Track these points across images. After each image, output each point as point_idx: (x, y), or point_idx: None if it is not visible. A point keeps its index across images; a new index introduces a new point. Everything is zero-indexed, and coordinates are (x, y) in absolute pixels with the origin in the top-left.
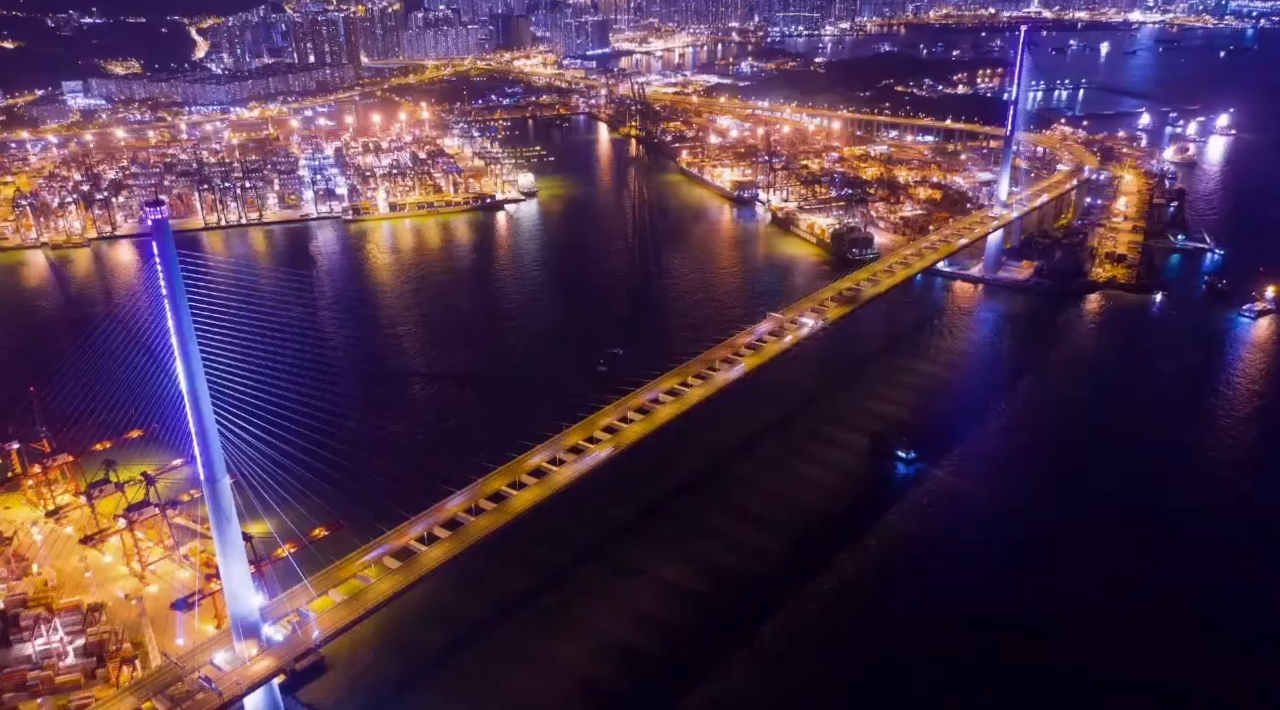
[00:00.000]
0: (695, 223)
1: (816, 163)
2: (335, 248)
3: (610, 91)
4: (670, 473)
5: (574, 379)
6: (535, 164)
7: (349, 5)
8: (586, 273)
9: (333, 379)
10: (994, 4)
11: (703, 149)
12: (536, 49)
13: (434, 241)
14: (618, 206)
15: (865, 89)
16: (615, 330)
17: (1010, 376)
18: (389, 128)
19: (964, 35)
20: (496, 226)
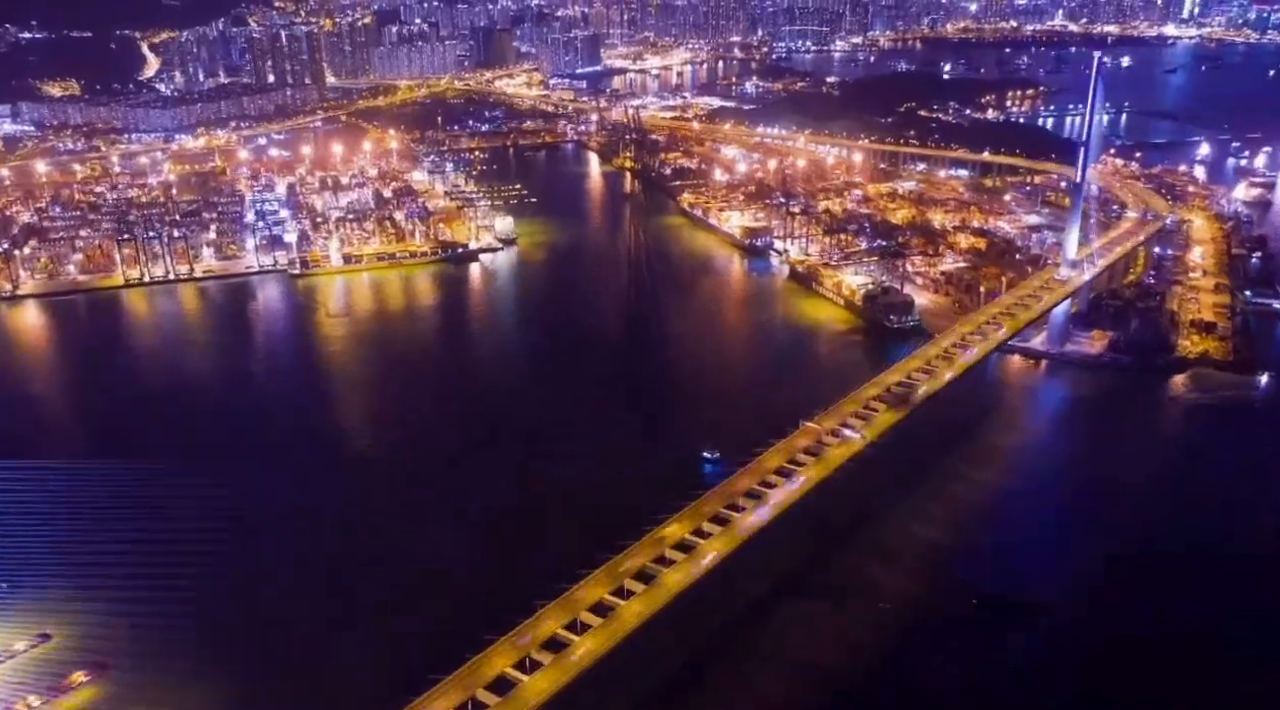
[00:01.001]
0: (700, 278)
1: (838, 203)
2: (279, 306)
3: (602, 117)
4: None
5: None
6: (515, 204)
7: (317, 18)
8: (572, 346)
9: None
10: (1015, 16)
11: (707, 187)
12: (521, 67)
13: (394, 300)
14: (610, 256)
15: (885, 114)
16: (603, 432)
17: (1090, 488)
18: (351, 159)
19: (985, 51)
20: (468, 282)
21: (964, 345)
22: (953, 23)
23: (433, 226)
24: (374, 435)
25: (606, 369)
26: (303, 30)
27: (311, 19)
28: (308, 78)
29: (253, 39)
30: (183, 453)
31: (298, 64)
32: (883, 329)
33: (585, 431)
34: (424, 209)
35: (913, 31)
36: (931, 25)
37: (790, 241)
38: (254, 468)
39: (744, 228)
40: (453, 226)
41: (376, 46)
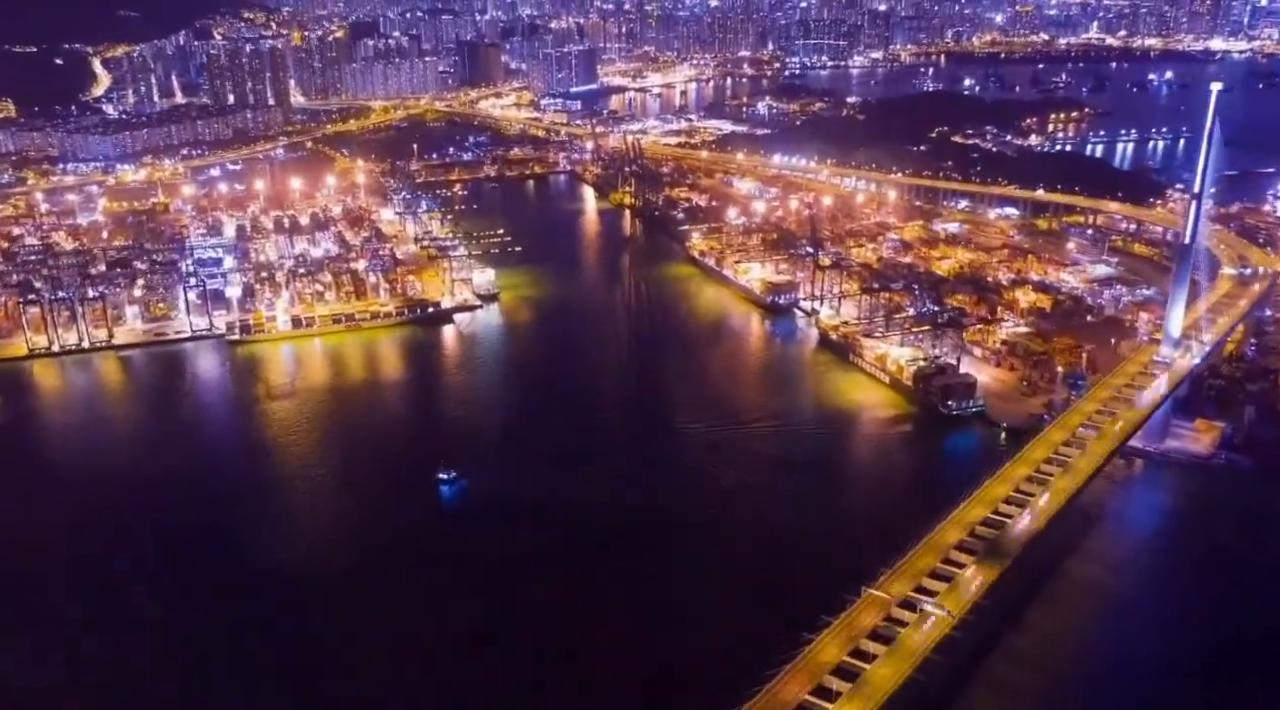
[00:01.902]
0: (713, 345)
1: (871, 250)
2: (211, 382)
3: (598, 145)
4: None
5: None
6: (497, 249)
7: (289, 30)
8: (559, 438)
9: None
10: (1045, 29)
11: (720, 230)
12: (509, 85)
13: (349, 374)
14: (607, 316)
15: (916, 140)
16: (589, 576)
17: (1226, 654)
18: (313, 195)
19: (1017, 67)
20: (440, 348)
21: (1060, 460)
22: (979, 36)
23: (400, 280)
24: (311, 564)
25: (609, 475)
26: (266, 45)
27: (284, 31)
28: (271, 98)
29: (210, 55)
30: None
31: (259, 83)
32: (939, 416)
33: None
34: (391, 258)
35: (936, 45)
36: (956, 39)
37: (819, 297)
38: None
39: (764, 283)
40: (424, 279)
41: (349, 63)
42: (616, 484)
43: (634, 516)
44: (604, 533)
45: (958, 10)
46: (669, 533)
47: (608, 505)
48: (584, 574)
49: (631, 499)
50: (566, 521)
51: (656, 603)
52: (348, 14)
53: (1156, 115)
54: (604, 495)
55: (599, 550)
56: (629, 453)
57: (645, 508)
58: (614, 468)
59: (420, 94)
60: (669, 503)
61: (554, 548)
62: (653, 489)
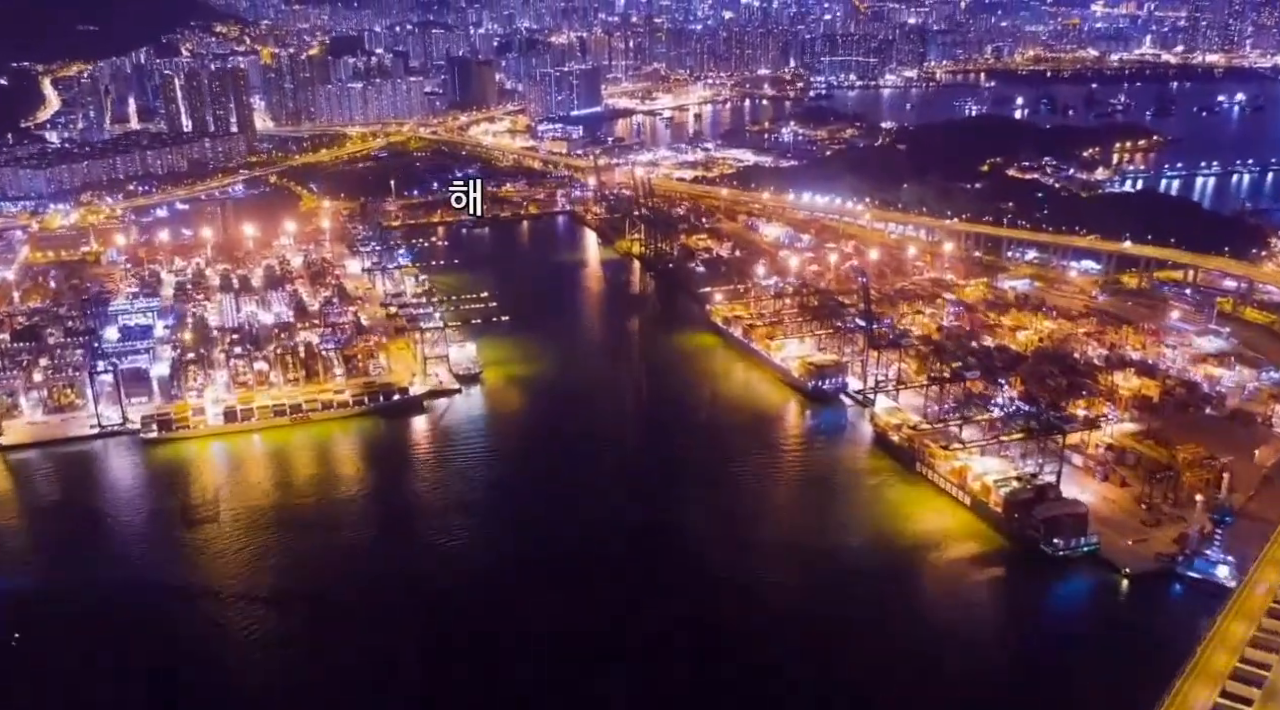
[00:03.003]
0: (741, 442)
1: (930, 314)
2: (116, 495)
3: (601, 182)
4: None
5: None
6: (481, 313)
7: (265, 46)
8: (548, 603)
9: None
10: (1095, 44)
11: (747, 292)
12: (504, 108)
13: (291, 484)
14: (612, 405)
15: (967, 174)
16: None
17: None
18: (271, 242)
19: (1068, 87)
20: (408, 446)
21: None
22: (1020, 51)
23: (362, 358)
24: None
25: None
26: (232, 63)
27: (258, 47)
28: (234, 124)
29: (164, 76)
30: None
31: (220, 107)
32: (1039, 555)
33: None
34: (353, 329)
35: (974, 62)
36: (996, 55)
37: (871, 380)
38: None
39: (804, 364)
40: (392, 355)
41: (324, 84)
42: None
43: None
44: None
45: (995, 24)
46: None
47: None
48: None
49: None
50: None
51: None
52: (332, 27)
53: (1234, 143)
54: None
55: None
56: (629, 624)
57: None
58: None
59: (403, 119)
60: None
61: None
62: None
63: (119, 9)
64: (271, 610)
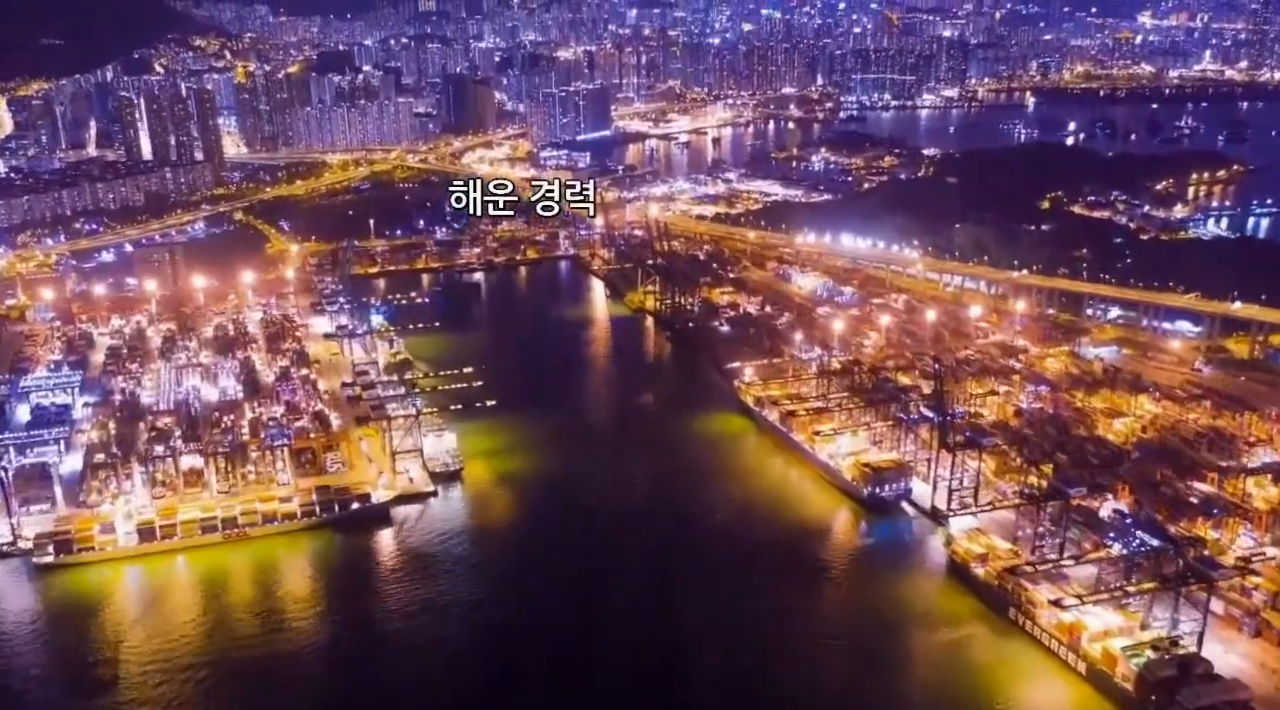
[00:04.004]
0: (776, 560)
1: (1005, 392)
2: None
3: (609, 223)
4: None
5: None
6: (464, 394)
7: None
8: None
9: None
10: (1149, 59)
11: (785, 366)
12: (503, 131)
13: (229, 624)
14: (618, 509)
15: (1026, 212)
16: None
17: None
18: (228, 293)
19: (1124, 107)
20: (370, 570)
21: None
22: (1070, 67)
23: (318, 452)
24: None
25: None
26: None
27: (237, 63)
28: (199, 151)
29: (122, 97)
30: None
31: (183, 132)
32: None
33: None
34: (309, 408)
35: (1020, 79)
36: (1043, 71)
37: (942, 487)
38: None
39: (859, 465)
40: (351, 450)
41: (304, 105)
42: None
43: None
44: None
45: (1038, 37)
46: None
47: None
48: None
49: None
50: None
51: None
52: (321, 40)
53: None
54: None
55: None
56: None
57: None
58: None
59: (390, 145)
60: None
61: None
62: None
63: (92, 22)
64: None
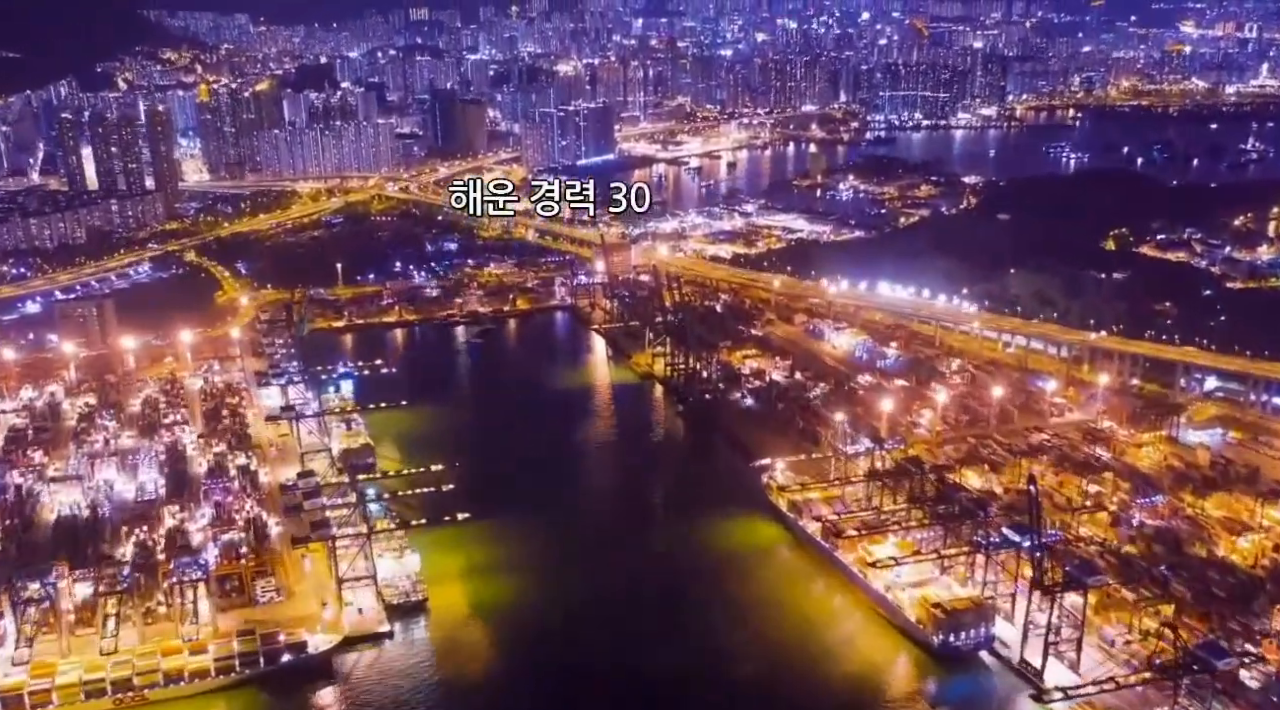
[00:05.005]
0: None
1: (1093, 492)
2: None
3: (612, 265)
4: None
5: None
6: (432, 499)
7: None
8: None
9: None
10: (1200, 72)
11: (825, 457)
12: (496, 154)
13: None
14: (623, 661)
15: (1094, 257)
16: None
17: None
18: (163, 356)
19: (1178, 126)
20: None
21: None
22: (1115, 82)
23: (246, 579)
24: None
25: None
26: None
27: (209, 77)
28: (150, 179)
29: (64, 119)
30: None
31: (133, 158)
32: None
33: None
34: (242, 513)
35: (1062, 96)
36: (1087, 87)
37: (1029, 634)
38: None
39: (927, 604)
40: (289, 573)
41: (272, 127)
42: None
43: None
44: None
45: (1077, 49)
46: None
47: None
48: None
49: None
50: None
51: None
52: (304, 51)
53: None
54: None
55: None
56: None
57: None
58: None
59: (369, 172)
60: None
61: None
62: None
63: (54, 32)
64: None
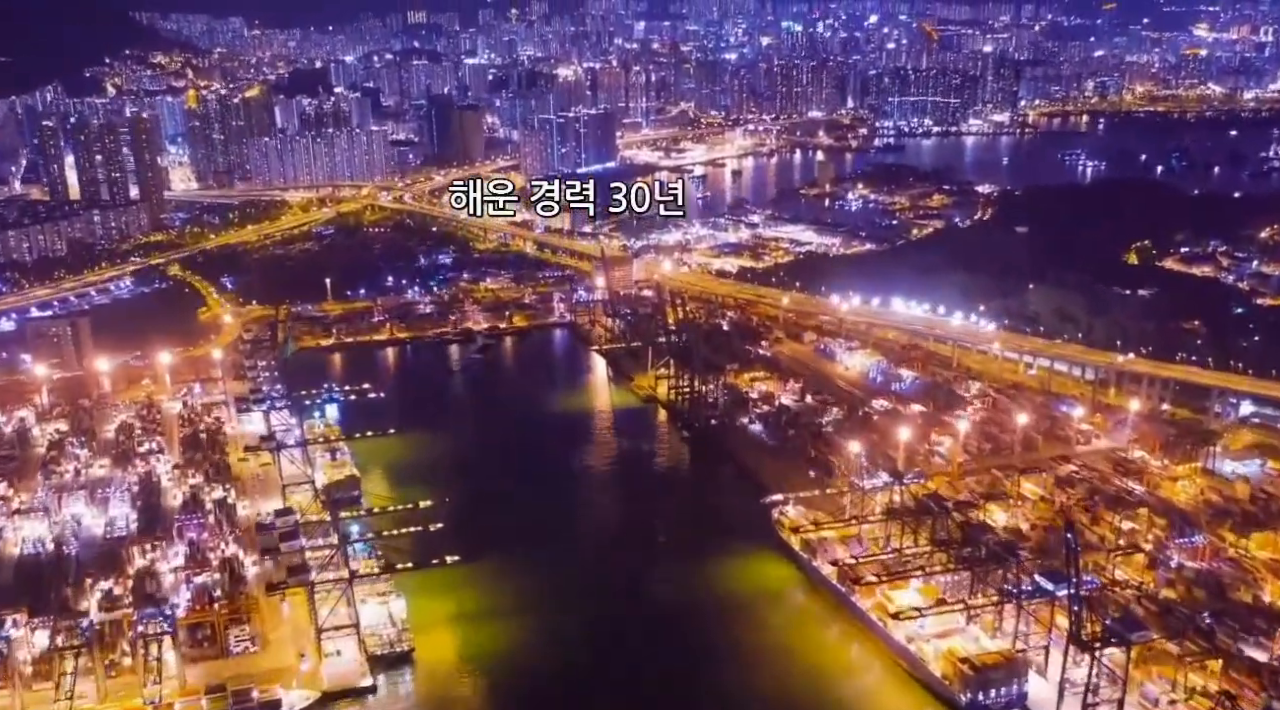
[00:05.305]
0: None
1: (1125, 529)
2: None
3: (613, 280)
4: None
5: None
6: (418, 544)
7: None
8: None
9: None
10: (1217, 77)
11: (840, 491)
12: (494, 162)
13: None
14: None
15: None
16: None
17: None
18: (141, 378)
19: (1196, 133)
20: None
21: None
22: (1129, 87)
23: (218, 630)
24: None
25: None
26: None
27: (202, 82)
28: (135, 189)
29: (45, 127)
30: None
31: (116, 167)
32: None
33: None
34: (221, 574)
35: (1076, 102)
36: (1101, 92)
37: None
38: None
39: (953, 657)
40: (266, 620)
41: (262, 134)
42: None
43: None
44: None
45: (1089, 53)
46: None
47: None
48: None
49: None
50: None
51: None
52: (299, 56)
53: None
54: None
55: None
56: None
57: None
58: None
59: (362, 181)
60: None
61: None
62: None
63: (43, 35)
64: None
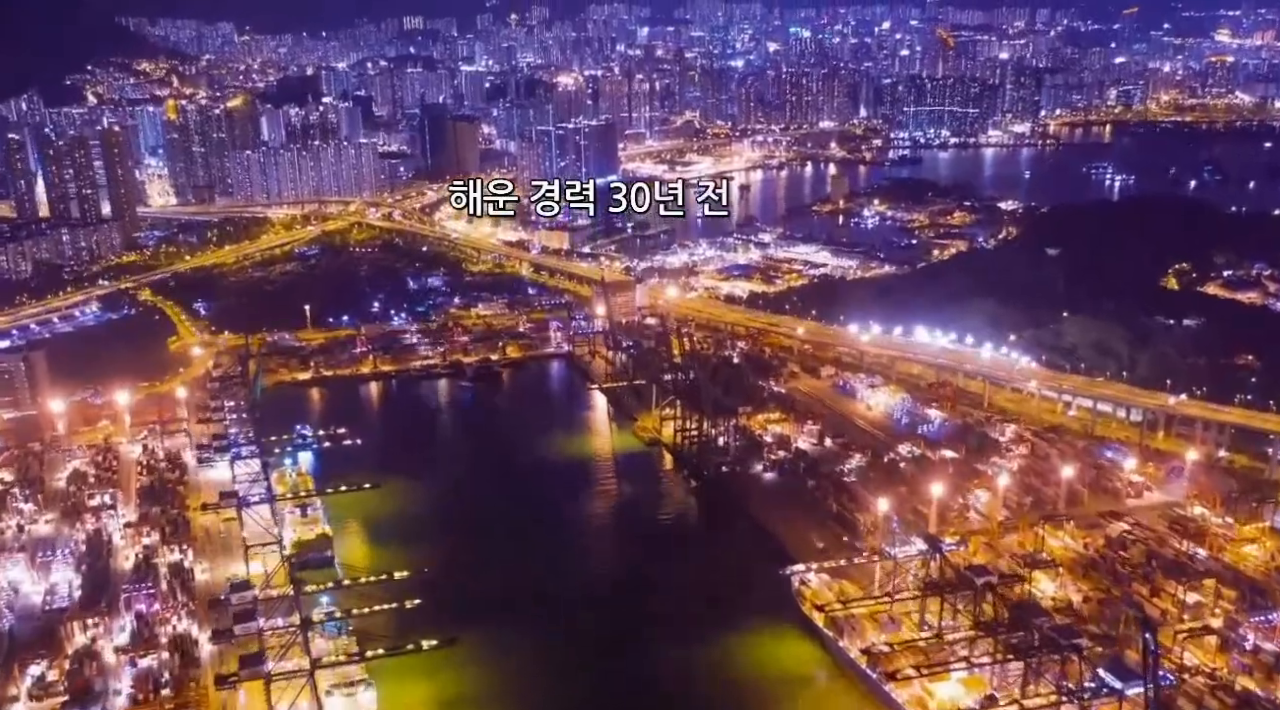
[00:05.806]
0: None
1: (1197, 605)
2: None
3: (613, 309)
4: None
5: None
6: (394, 626)
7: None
8: None
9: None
10: (1245, 85)
11: (870, 560)
12: (489, 176)
13: None
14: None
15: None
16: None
17: None
18: (99, 418)
19: (1227, 144)
20: None
21: None
22: (1154, 96)
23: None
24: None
25: None
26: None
27: (184, 91)
28: (107, 206)
29: (9, 139)
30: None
31: (87, 183)
32: None
33: None
34: (171, 655)
35: (1099, 111)
36: (1125, 101)
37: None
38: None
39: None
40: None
41: (245, 147)
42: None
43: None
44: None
45: (1110, 60)
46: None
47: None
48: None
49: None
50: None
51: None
52: (290, 62)
53: None
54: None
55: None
56: None
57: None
58: None
59: (350, 197)
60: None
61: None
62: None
63: (24, 41)
64: None
